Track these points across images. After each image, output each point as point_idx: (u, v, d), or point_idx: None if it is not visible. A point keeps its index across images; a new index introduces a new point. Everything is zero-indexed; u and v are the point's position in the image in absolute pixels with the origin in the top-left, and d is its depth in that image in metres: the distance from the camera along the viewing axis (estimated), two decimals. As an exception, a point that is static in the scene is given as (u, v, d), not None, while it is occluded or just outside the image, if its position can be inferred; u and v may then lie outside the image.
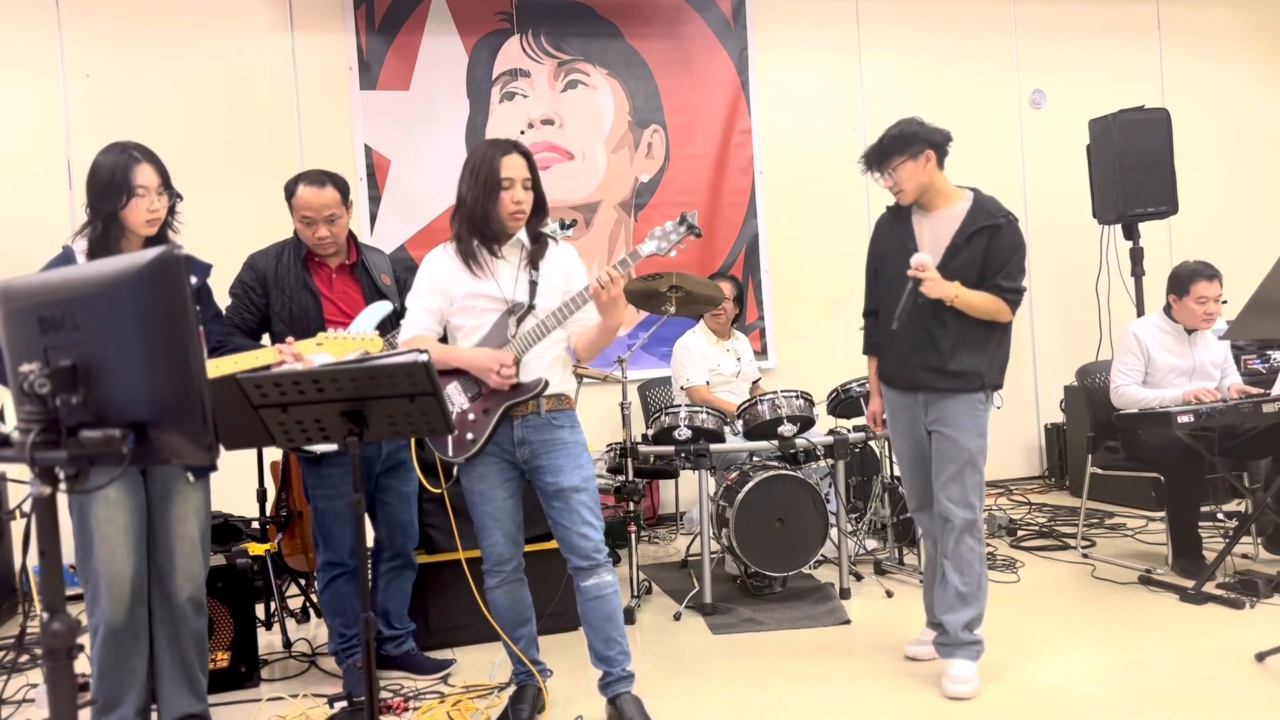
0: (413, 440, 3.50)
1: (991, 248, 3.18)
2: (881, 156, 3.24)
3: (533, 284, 2.97)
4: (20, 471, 1.43)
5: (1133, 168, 6.03)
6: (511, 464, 2.99)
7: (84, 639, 2.93)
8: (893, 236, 3.35)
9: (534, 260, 2.99)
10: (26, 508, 1.64)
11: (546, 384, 2.93)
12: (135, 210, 2.75)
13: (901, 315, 3.19)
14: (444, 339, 3.05)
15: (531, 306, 2.94)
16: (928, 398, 3.27)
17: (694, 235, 3.03)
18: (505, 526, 3.00)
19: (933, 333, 3.21)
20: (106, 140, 2.84)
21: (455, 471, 3.04)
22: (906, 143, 3.20)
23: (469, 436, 2.93)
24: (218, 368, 2.80)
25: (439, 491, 3.53)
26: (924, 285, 3.14)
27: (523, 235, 2.99)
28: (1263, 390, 4.46)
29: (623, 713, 3.01)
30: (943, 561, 3.29)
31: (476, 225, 2.93)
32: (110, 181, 2.73)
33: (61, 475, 1.42)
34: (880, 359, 3.44)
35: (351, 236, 3.50)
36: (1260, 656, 3.24)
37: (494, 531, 2.99)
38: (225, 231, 4.20)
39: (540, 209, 2.99)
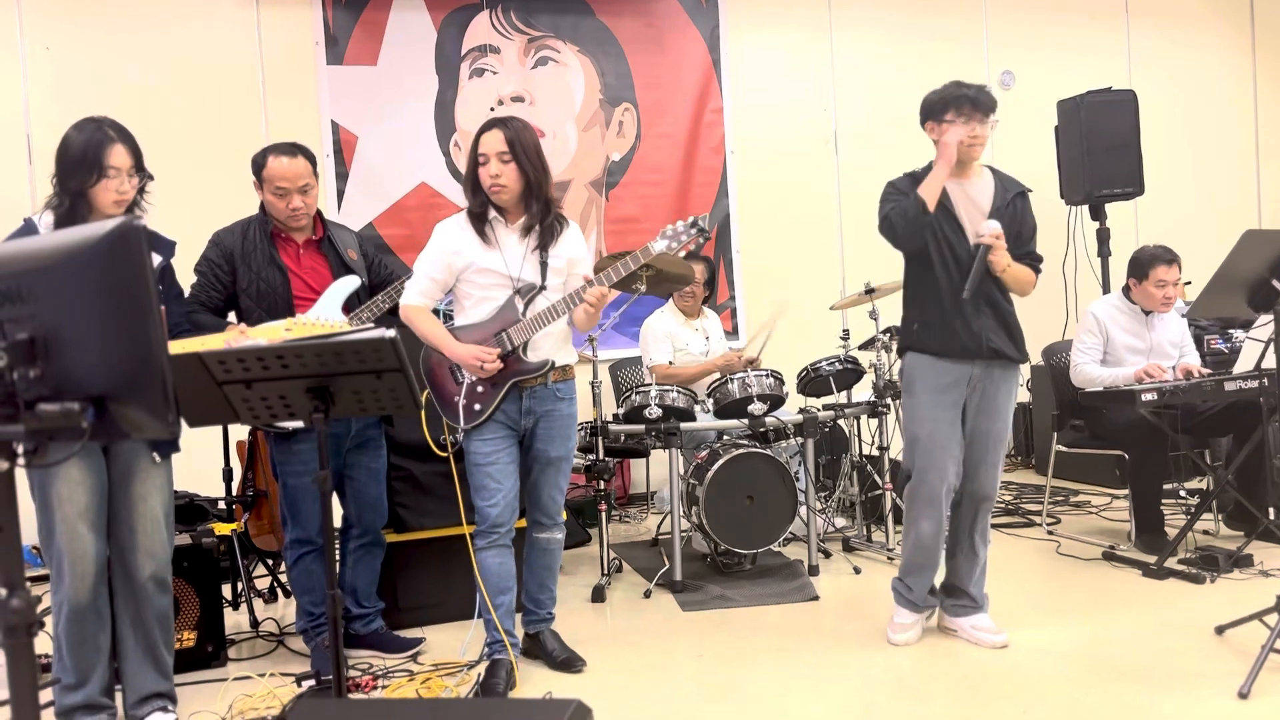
0: (423, 415, 3.47)
1: (1023, 216, 3.22)
2: (992, 106, 3.23)
3: (543, 265, 3.15)
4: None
5: (1100, 149, 6.08)
6: (515, 432, 3.18)
7: (46, 618, 2.92)
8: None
9: (544, 242, 3.15)
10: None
11: (553, 365, 3.15)
12: (104, 190, 2.70)
13: (973, 285, 3.13)
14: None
15: (543, 287, 3.14)
16: (983, 372, 3.24)
17: (703, 238, 3.26)
18: (505, 490, 3.16)
19: (996, 303, 3.22)
20: (67, 115, 2.79)
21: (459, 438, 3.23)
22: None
23: (476, 407, 3.14)
24: (181, 348, 2.76)
25: (445, 455, 3.51)
26: (994, 253, 3.13)
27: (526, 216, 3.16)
28: (1212, 371, 4.52)
29: (544, 644, 3.35)
30: (972, 538, 3.36)
31: (470, 196, 3.16)
32: (81, 158, 2.67)
33: (19, 450, 1.39)
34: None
35: (318, 212, 3.47)
36: (1220, 630, 3.29)
37: (495, 493, 3.14)
38: (187, 208, 4.14)
39: (531, 184, 3.10)
